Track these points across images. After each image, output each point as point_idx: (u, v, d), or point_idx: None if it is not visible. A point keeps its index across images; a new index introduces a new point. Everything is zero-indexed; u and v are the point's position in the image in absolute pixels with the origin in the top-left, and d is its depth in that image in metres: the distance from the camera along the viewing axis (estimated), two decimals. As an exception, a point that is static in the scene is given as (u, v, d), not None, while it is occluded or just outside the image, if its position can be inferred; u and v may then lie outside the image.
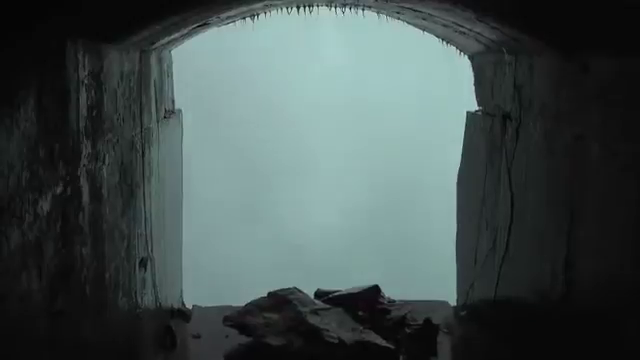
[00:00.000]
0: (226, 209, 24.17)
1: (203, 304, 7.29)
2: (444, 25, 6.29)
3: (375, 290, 6.94)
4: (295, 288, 6.68)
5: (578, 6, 3.94)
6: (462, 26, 5.94)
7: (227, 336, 6.28)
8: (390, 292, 7.07)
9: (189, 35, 6.41)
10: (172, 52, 6.98)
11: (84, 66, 3.78)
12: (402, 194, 25.02)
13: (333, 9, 6.57)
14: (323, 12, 6.56)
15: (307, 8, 6.42)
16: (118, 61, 4.59)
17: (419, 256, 21.55)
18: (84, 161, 3.76)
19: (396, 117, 25.77)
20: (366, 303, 6.78)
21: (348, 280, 7.56)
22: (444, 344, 6.34)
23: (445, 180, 8.57)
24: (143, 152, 5.38)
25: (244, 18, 6.60)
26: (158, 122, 6.08)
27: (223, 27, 6.70)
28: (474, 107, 7.06)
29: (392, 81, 25.81)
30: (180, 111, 7.43)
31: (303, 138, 26.35)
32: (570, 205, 4.59)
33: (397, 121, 25.70)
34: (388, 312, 6.76)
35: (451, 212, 7.75)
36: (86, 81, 3.81)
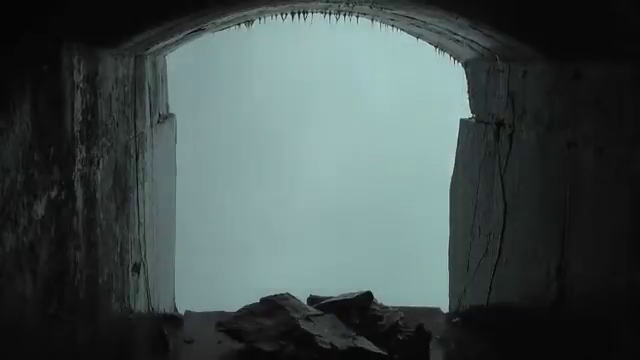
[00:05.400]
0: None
1: (196, 309, 7.28)
2: (438, 32, 6.31)
3: (368, 296, 6.94)
4: (288, 294, 6.68)
5: (570, 14, 3.97)
6: (456, 34, 5.97)
7: (220, 341, 6.27)
8: (383, 298, 7.06)
9: (184, 40, 6.43)
10: (166, 57, 6.99)
11: (79, 70, 3.78)
12: (395, 198, 25.01)
13: (327, 16, 6.59)
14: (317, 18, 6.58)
15: (302, 15, 6.44)
16: (113, 66, 4.60)
17: (411, 262, 21.54)
18: (79, 165, 3.76)
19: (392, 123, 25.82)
20: (359, 309, 6.78)
21: (341, 286, 7.55)
22: (437, 351, 6.34)
23: (437, 186, 8.57)
24: (137, 157, 5.38)
25: (239, 24, 6.62)
26: (152, 127, 6.08)
27: (217, 33, 6.72)
28: (467, 114, 7.09)
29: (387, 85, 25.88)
30: (174, 115, 7.43)
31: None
32: (563, 211, 4.61)
33: (393, 127, 25.74)
34: (381, 318, 6.75)
35: (444, 218, 7.76)
36: (81, 85, 3.81)
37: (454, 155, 7.42)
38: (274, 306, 6.41)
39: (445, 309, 7.50)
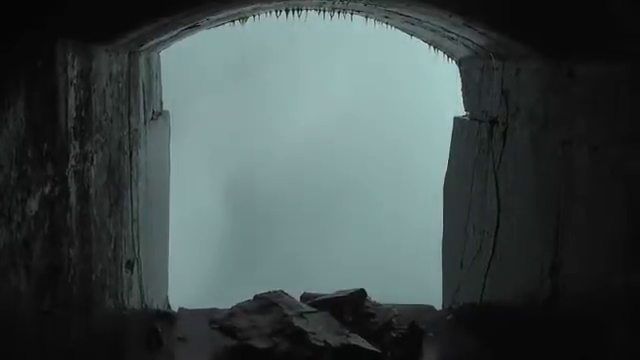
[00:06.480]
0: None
1: (189, 306, 7.27)
2: (432, 30, 6.31)
3: (361, 294, 6.94)
4: (281, 291, 6.67)
5: (564, 12, 3.97)
6: (450, 31, 5.97)
7: (213, 338, 6.26)
8: (376, 296, 7.07)
9: (178, 37, 6.41)
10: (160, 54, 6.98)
11: (73, 67, 3.77)
12: (388, 194, 25.08)
13: (322, 13, 6.59)
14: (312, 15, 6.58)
15: (296, 12, 6.44)
16: (107, 62, 4.59)
17: (405, 259, 21.58)
18: (72, 161, 3.75)
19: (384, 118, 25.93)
20: (352, 307, 6.79)
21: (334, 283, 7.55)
22: (430, 348, 6.35)
23: (431, 182, 8.58)
24: (131, 153, 5.37)
25: (233, 21, 6.61)
26: (146, 123, 6.07)
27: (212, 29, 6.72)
28: (461, 112, 7.09)
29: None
30: (168, 112, 7.42)
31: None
32: (557, 209, 4.61)
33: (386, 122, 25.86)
34: (374, 316, 6.76)
35: (438, 216, 7.77)
36: (75, 82, 3.81)
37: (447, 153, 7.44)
38: (267, 303, 6.41)
39: (438, 307, 7.51)
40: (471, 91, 6.75)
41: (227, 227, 25.32)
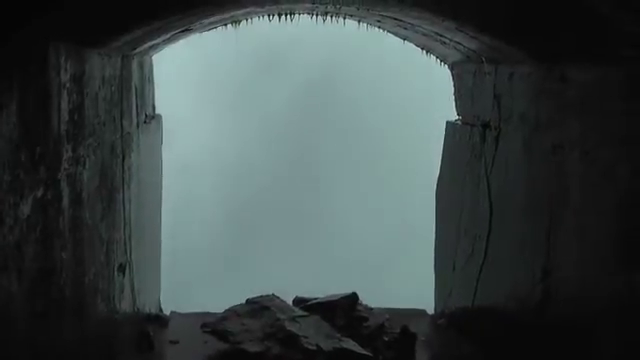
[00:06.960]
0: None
1: (181, 310, 7.26)
2: (424, 34, 6.32)
3: (353, 298, 6.95)
4: (274, 295, 6.67)
5: (556, 17, 3.98)
6: (442, 35, 5.98)
7: (205, 342, 6.25)
8: (368, 300, 7.07)
9: (171, 40, 6.41)
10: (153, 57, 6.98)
11: (66, 70, 3.77)
12: (383, 197, 25.10)
13: (314, 17, 6.59)
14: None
15: (288, 16, 6.44)
16: (100, 65, 4.59)
17: (397, 263, 21.59)
18: (65, 165, 3.75)
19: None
20: (344, 311, 6.79)
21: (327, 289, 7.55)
22: (422, 352, 6.35)
23: (425, 187, 8.58)
24: (123, 157, 5.37)
25: (225, 25, 6.61)
26: (138, 127, 6.07)
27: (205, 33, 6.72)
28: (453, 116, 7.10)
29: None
30: (160, 116, 7.41)
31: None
32: (549, 213, 4.63)
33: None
34: (366, 320, 6.76)
35: (431, 219, 7.77)
36: (68, 85, 3.80)
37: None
38: (260, 307, 6.41)
39: (431, 310, 7.51)
40: (463, 95, 6.76)
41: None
